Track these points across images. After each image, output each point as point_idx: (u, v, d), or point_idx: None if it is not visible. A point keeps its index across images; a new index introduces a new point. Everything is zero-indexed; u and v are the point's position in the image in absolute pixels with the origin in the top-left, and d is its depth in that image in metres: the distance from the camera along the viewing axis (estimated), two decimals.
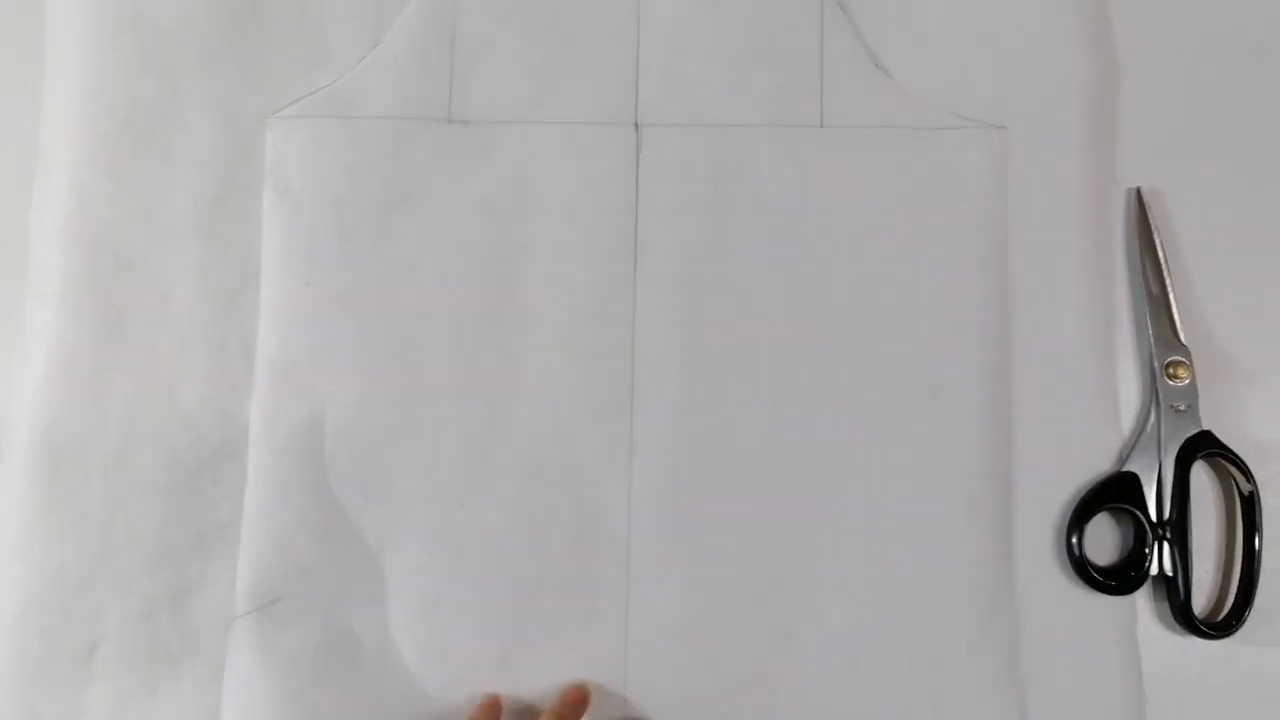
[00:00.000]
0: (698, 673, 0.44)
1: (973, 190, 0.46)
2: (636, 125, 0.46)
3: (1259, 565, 0.45)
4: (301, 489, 0.44)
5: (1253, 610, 0.45)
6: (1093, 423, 0.46)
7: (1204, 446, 0.46)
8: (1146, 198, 0.48)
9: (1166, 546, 0.45)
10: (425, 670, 0.44)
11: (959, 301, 0.46)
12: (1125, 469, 0.46)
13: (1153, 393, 0.47)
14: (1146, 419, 0.46)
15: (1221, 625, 0.45)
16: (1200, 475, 0.47)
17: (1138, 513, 0.45)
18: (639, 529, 0.45)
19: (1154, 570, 0.45)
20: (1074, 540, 0.45)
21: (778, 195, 0.46)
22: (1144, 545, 0.45)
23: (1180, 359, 0.47)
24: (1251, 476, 0.46)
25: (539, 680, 0.44)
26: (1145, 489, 0.45)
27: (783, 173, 0.46)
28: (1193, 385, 0.46)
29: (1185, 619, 0.45)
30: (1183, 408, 0.46)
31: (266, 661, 0.43)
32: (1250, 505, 0.46)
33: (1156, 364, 0.47)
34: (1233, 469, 0.46)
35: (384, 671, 0.44)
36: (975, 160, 0.46)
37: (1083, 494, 0.45)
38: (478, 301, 0.45)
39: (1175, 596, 0.45)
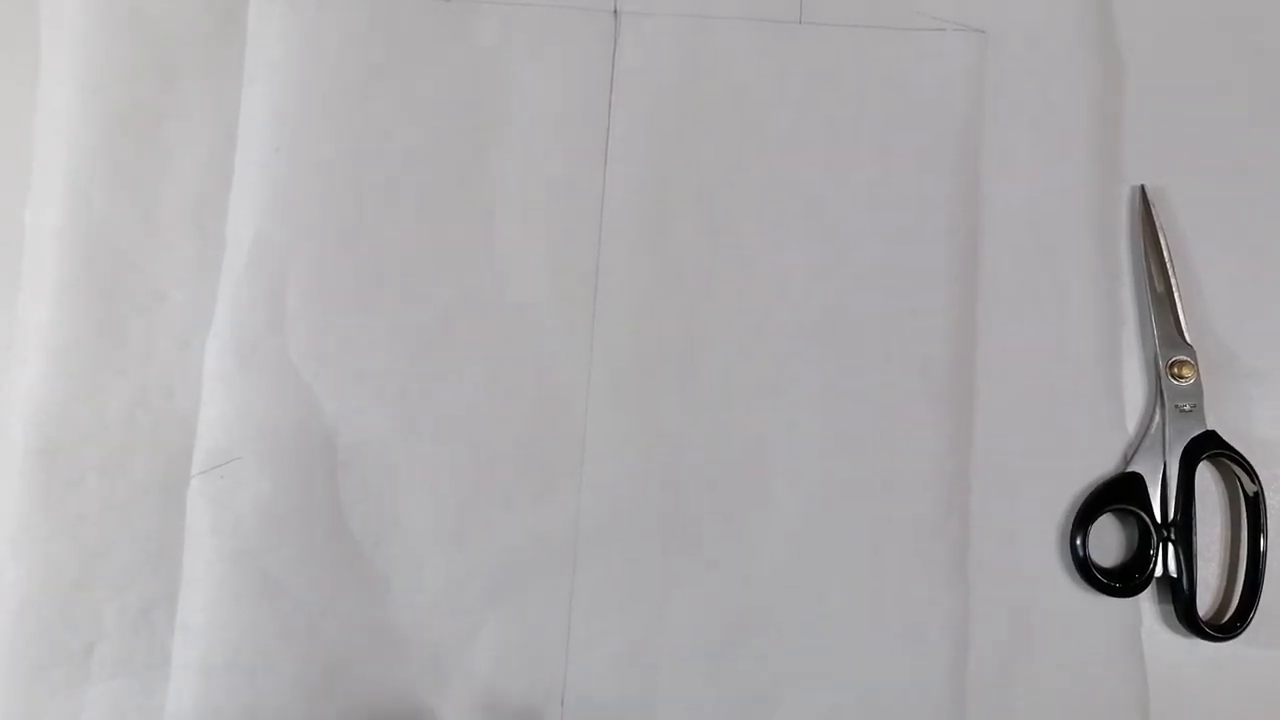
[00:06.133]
0: (647, 555, 0.44)
1: (949, 93, 0.47)
2: (615, 12, 0.47)
3: (1264, 566, 0.45)
4: (259, 352, 0.44)
5: (1258, 612, 0.45)
6: (1097, 423, 0.46)
7: (1209, 447, 0.45)
8: (1151, 195, 0.48)
9: (1171, 548, 0.45)
10: (375, 543, 0.44)
11: (929, 202, 0.46)
12: (1129, 469, 0.45)
13: (1157, 392, 0.46)
14: (1151, 419, 0.46)
15: (1226, 627, 0.45)
16: (1205, 476, 0.47)
17: (1142, 514, 0.45)
18: (596, 411, 0.45)
19: (1159, 572, 0.45)
20: (1078, 542, 0.45)
21: (753, 89, 0.47)
22: (1148, 547, 0.45)
23: (1185, 358, 0.46)
24: (1257, 477, 0.45)
25: (490, 556, 0.44)
26: (1150, 490, 0.45)
27: (759, 67, 0.47)
28: (1198, 385, 0.46)
29: (1190, 621, 0.45)
30: (1188, 408, 0.46)
31: (219, 523, 0.43)
32: (1255, 506, 0.45)
33: (1161, 363, 0.46)
34: (1238, 469, 0.46)
35: (334, 542, 0.44)
36: (953, 63, 0.47)
37: (1087, 495, 0.45)
38: (447, 177, 0.46)
39: (1180, 598, 0.45)
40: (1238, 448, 0.46)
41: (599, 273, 0.46)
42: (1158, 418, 0.46)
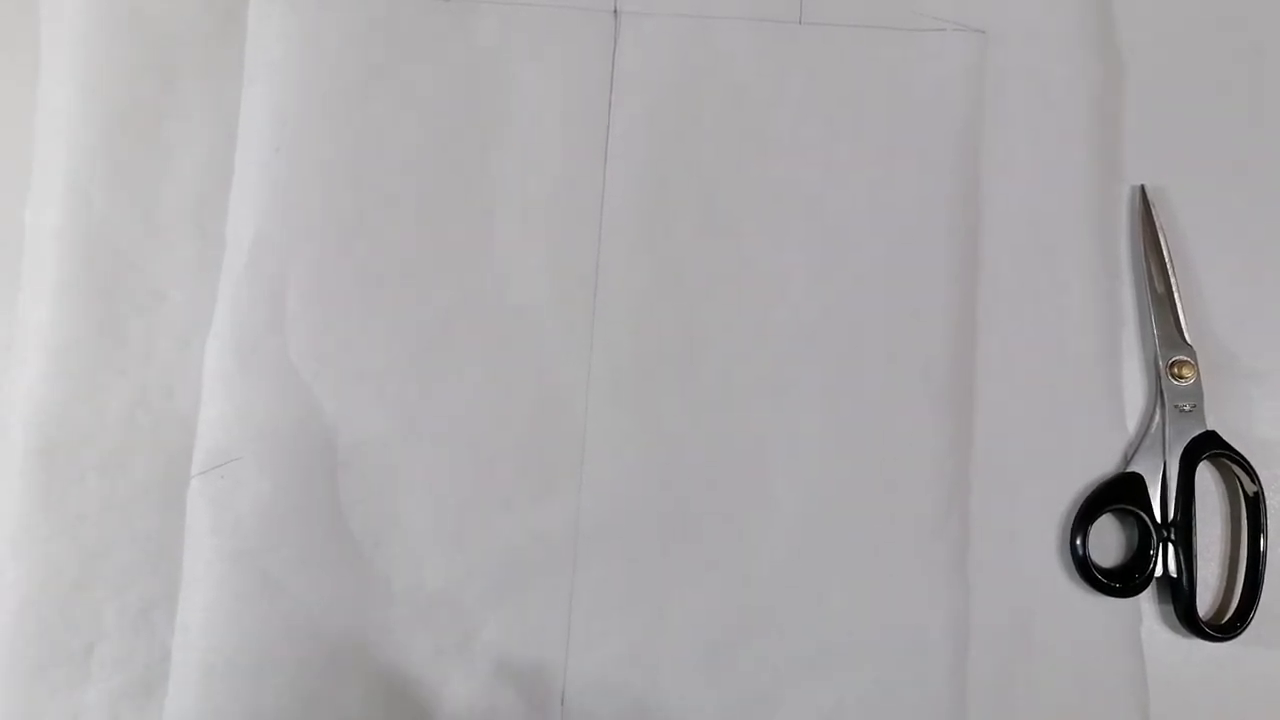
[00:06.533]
0: (647, 555, 0.44)
1: (949, 93, 0.47)
2: (615, 12, 0.47)
3: (1264, 566, 0.45)
4: (259, 353, 0.44)
5: (1258, 612, 0.45)
6: (1097, 423, 0.46)
7: (1209, 447, 0.45)
8: (1151, 195, 0.48)
9: (1171, 548, 0.45)
10: (375, 543, 0.44)
11: (929, 202, 0.46)
12: (1129, 470, 0.45)
13: (1157, 393, 0.46)
14: (1151, 419, 0.46)
15: (1226, 627, 0.45)
16: (1205, 476, 0.47)
17: (1142, 514, 0.45)
18: (596, 411, 0.45)
19: (1159, 572, 0.45)
20: (1078, 542, 0.45)
21: (753, 89, 0.47)
22: (1148, 547, 0.45)
23: (1185, 358, 0.46)
24: (1257, 477, 0.45)
25: (490, 556, 0.44)
26: (1150, 490, 0.45)
27: (759, 67, 0.47)
28: (1198, 385, 0.46)
29: (1190, 621, 0.45)
30: (1188, 408, 0.46)
31: (219, 523, 0.43)
32: (1255, 506, 0.45)
33: (1161, 363, 0.46)
34: (1238, 469, 0.46)
35: (334, 542, 0.44)
36: (953, 63, 0.47)
37: (1087, 495, 0.45)
38: (447, 177, 0.46)
39: (1180, 598, 0.45)
40: (1238, 448, 0.45)
41: (599, 273, 0.46)
42: (1158, 418, 0.46)
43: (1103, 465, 0.46)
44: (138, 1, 0.46)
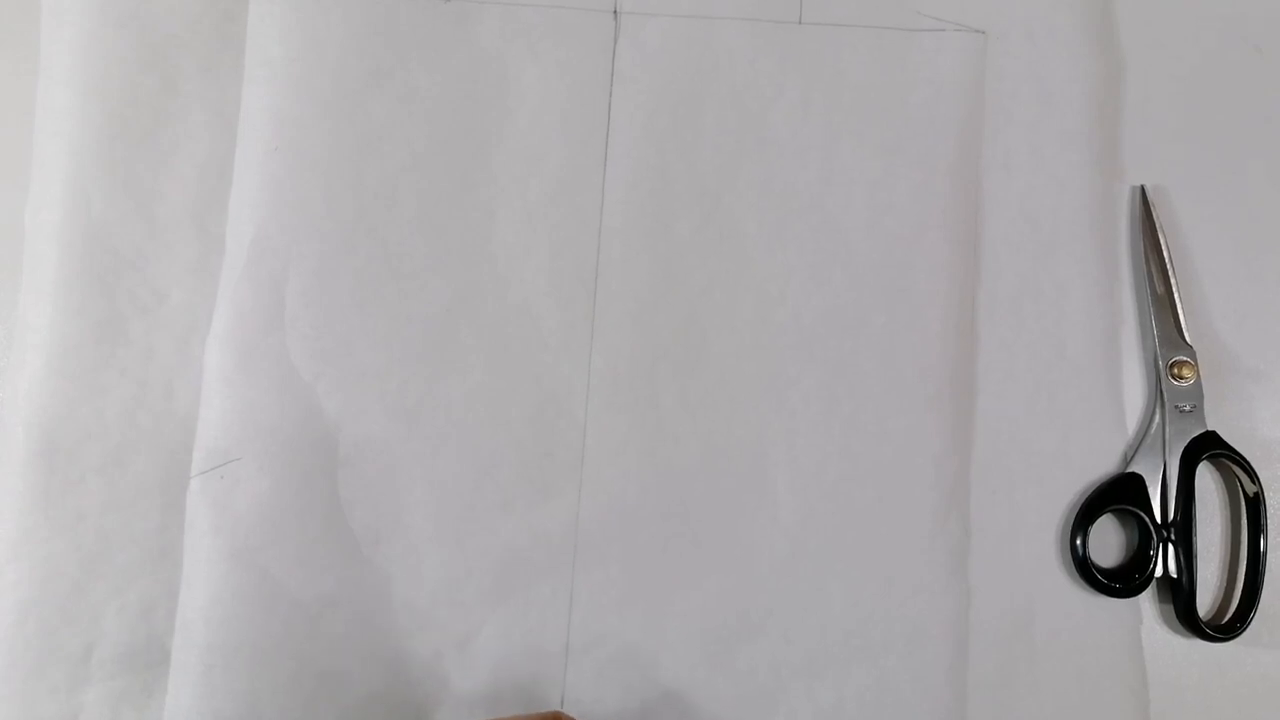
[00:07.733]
0: (647, 555, 0.44)
1: (949, 93, 0.47)
2: (615, 12, 0.47)
3: (1264, 567, 0.45)
4: (259, 353, 0.44)
5: (1258, 612, 0.45)
6: (1097, 423, 0.46)
7: (1209, 447, 0.45)
8: (1151, 195, 0.48)
9: (1171, 548, 0.45)
10: (374, 542, 0.44)
11: (929, 202, 0.46)
12: (1129, 470, 0.45)
13: (1157, 393, 0.46)
14: (1151, 419, 0.46)
15: (1226, 628, 0.45)
16: (1205, 476, 0.47)
17: (1142, 514, 0.45)
18: (596, 411, 0.45)
19: (1159, 572, 0.45)
20: (1078, 542, 0.45)
21: (752, 89, 0.47)
22: (1148, 547, 0.45)
23: (1185, 359, 0.46)
24: (1257, 477, 0.45)
25: (490, 556, 0.44)
26: (1150, 490, 0.45)
27: (759, 67, 0.47)
28: (1198, 385, 0.46)
29: (1190, 621, 0.45)
30: (1188, 408, 0.46)
31: (219, 523, 0.43)
32: (1255, 506, 0.45)
33: (1161, 364, 0.46)
34: (1238, 470, 0.46)
35: (333, 541, 0.44)
36: (953, 63, 0.47)
37: (1087, 495, 0.45)
38: (447, 177, 0.46)
39: (1180, 599, 0.45)
40: (1238, 448, 0.46)
41: (599, 273, 0.46)
42: (1158, 418, 0.46)
43: (1103, 465, 0.46)
44: (138, 1, 0.46)
